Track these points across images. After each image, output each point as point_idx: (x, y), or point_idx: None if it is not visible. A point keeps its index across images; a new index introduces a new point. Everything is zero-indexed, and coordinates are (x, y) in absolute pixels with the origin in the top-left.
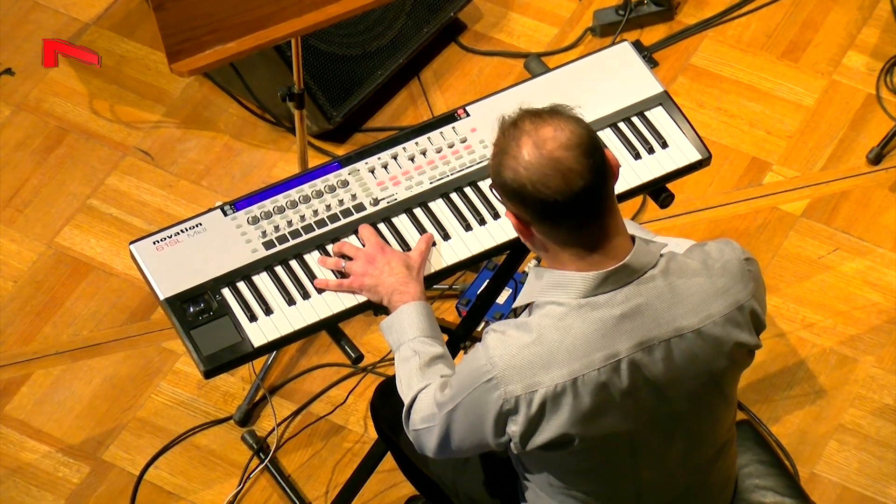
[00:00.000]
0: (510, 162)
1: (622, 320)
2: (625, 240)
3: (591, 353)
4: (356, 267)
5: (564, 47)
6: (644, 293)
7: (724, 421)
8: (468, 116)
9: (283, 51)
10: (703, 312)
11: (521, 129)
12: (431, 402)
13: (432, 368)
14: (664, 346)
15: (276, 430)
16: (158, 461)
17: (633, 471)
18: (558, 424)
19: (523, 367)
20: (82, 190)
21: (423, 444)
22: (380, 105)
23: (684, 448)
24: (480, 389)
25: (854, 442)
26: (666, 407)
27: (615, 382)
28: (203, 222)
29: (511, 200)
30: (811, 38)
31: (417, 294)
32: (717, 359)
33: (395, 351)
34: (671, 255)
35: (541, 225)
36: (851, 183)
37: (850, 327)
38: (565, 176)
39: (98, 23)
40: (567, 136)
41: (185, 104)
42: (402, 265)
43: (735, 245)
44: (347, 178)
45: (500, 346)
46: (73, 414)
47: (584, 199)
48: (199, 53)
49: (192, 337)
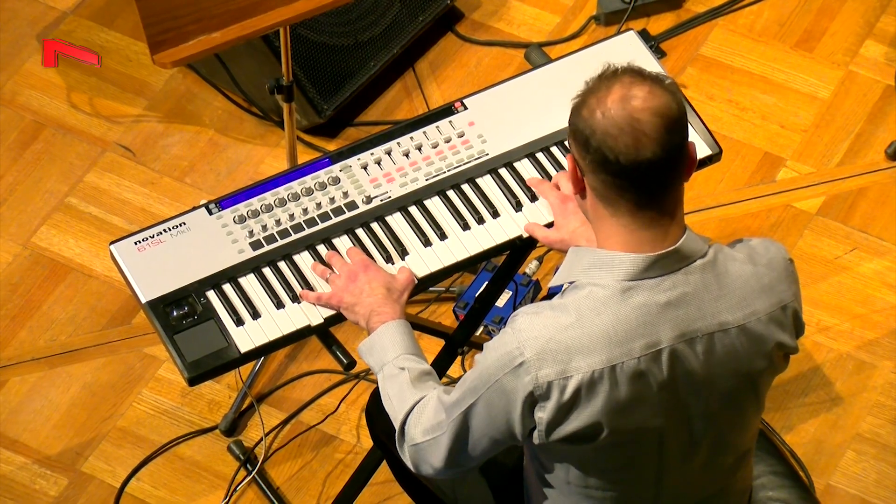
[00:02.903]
0: (592, 102)
1: (667, 308)
2: (678, 226)
3: (632, 341)
4: (338, 282)
5: (567, 37)
6: (691, 282)
7: (750, 427)
8: (466, 110)
9: (271, 41)
10: (748, 308)
11: (618, 78)
12: (436, 409)
13: (425, 383)
14: (707, 339)
15: (264, 441)
16: (140, 473)
17: (656, 473)
18: (590, 414)
19: (559, 350)
20: (60, 187)
21: (427, 458)
22: (373, 98)
23: (709, 452)
24: (510, 376)
25: (872, 452)
26: (700, 405)
27: (654, 373)
28: (187, 221)
29: (576, 143)
30: (827, 27)
31: (397, 314)
32: (757, 359)
33: (377, 372)
34: (718, 246)
35: (594, 177)
36: (869, 179)
37: (868, 331)
38: (637, 139)
39: (76, 12)
40: (658, 103)
41: (168, 97)
42: (382, 286)
43: (779, 244)
44: (339, 174)
45: (533, 328)
46: (50, 423)
47: (646, 171)
48: (183, 44)
49: (175, 342)
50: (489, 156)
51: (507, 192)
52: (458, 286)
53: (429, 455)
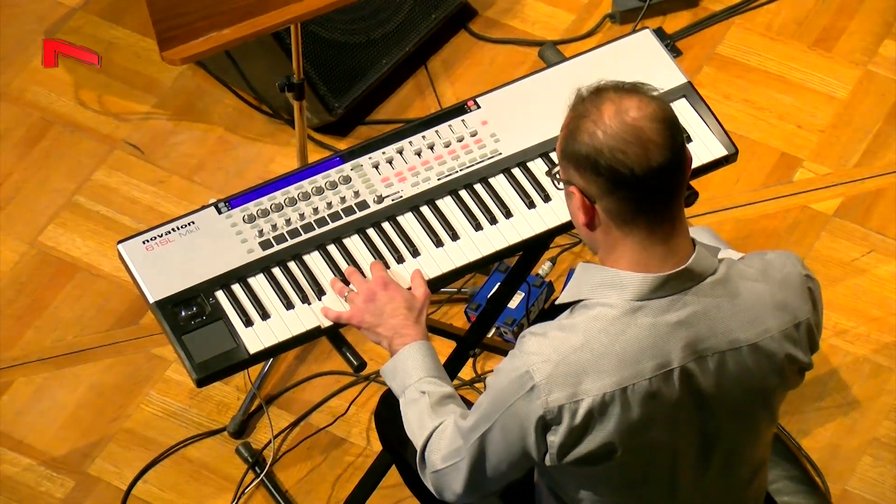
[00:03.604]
0: (588, 126)
1: (677, 328)
2: (687, 241)
3: (642, 362)
4: (357, 301)
5: (582, 35)
6: (702, 301)
7: (764, 440)
8: (479, 108)
9: (282, 38)
10: (761, 326)
11: (604, 96)
12: (453, 435)
13: (445, 407)
14: (718, 357)
15: (273, 443)
16: (147, 475)
17: (670, 488)
18: (603, 436)
19: (568, 373)
20: (67, 186)
21: (448, 485)
22: (384, 96)
23: (722, 466)
24: (522, 401)
25: (889, 457)
26: (712, 421)
27: (665, 393)
28: (196, 220)
29: (581, 170)
30: (845, 26)
31: (419, 335)
32: (770, 376)
33: (400, 396)
34: (730, 262)
35: (609, 199)
36: (887, 181)
37: (886, 334)
38: (646, 147)
39: (85, 7)
40: (653, 109)
41: (178, 95)
42: (403, 306)
43: (796, 258)
44: (350, 173)
45: (542, 351)
46: (56, 424)
47: (661, 177)
48: (193, 40)
49: (183, 343)
50: (502, 155)
51: (521, 192)
52: (470, 287)
53: (450, 481)
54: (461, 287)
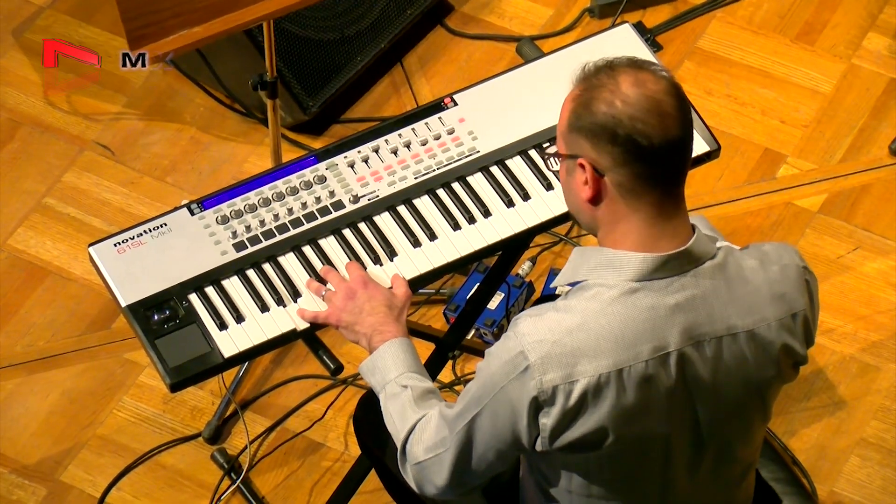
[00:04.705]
0: (606, 95)
1: (675, 311)
2: (687, 224)
3: (640, 344)
4: (335, 300)
5: (560, 30)
6: (700, 285)
7: (756, 439)
8: (456, 106)
9: (255, 35)
10: (758, 314)
11: (618, 69)
12: (439, 425)
13: (428, 401)
14: (715, 343)
15: (249, 448)
16: (121, 482)
17: (661, 482)
18: (596, 420)
19: (564, 354)
20: (37, 188)
21: (429, 477)
22: (360, 94)
23: (715, 462)
24: (515, 382)
25: (877, 457)
26: (707, 413)
27: (661, 378)
28: (168, 222)
29: (596, 140)
30: (828, 19)
31: (399, 331)
32: (766, 367)
33: (379, 392)
34: (729, 249)
35: (622, 171)
36: (873, 176)
37: (873, 333)
38: (663, 119)
39: (54, 6)
40: (666, 83)
41: (149, 94)
42: (383, 304)
43: (794, 251)
44: (325, 173)
45: (537, 331)
46: (28, 431)
47: (675, 150)
48: (163, 39)
49: (156, 347)
50: (480, 153)
51: (499, 191)
52: (449, 288)
53: (432, 474)
54: (439, 288)
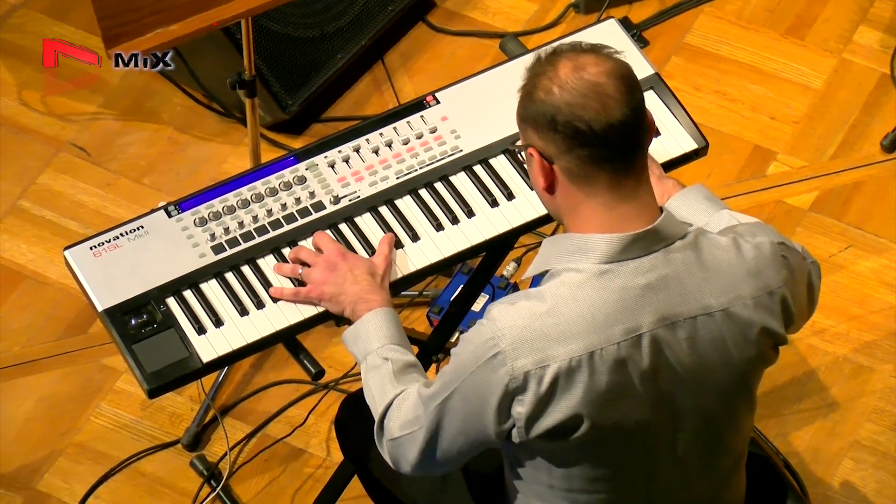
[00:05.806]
0: (544, 82)
1: (647, 291)
2: (654, 204)
3: (611, 326)
4: (315, 274)
5: (544, 26)
6: (672, 264)
7: (744, 428)
8: (438, 104)
9: (233, 33)
10: (733, 293)
11: (560, 55)
12: (415, 402)
13: (408, 375)
14: (690, 323)
15: (229, 455)
16: (99, 490)
17: (645, 474)
18: (570, 405)
19: (535, 339)
20: (12, 190)
21: (403, 454)
22: (340, 92)
23: (703, 452)
24: (485, 368)
25: (871, 460)
26: (688, 399)
27: (635, 360)
28: (145, 225)
29: (538, 128)
30: (819, 13)
31: (383, 301)
32: (745, 347)
33: (360, 362)
34: (700, 230)
35: (567, 158)
36: (865, 173)
37: (866, 333)
38: (604, 102)
39: (28, 4)
40: (610, 65)
41: (125, 94)
42: (365, 272)
43: (769, 228)
44: (305, 173)
45: (508, 317)
46: (4, 439)
47: (620, 132)
48: (140, 37)
49: (134, 352)
50: (463, 152)
51: (483, 191)
52: (433, 290)
53: (405, 450)
54: (423, 290)
